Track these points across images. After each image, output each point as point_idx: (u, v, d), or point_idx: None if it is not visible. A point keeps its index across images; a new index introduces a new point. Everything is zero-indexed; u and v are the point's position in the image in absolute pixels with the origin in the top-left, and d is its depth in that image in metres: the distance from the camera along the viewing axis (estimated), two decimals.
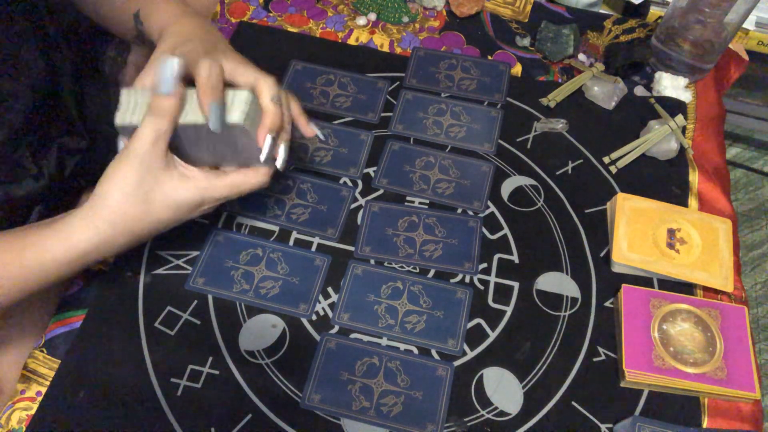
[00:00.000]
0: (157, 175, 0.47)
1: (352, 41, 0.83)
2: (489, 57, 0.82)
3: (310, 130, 0.57)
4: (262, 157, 0.51)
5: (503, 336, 0.60)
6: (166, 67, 0.47)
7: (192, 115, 0.49)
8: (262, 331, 0.59)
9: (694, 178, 0.71)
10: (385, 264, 0.63)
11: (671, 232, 0.64)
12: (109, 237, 0.48)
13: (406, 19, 0.85)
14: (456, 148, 0.73)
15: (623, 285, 0.60)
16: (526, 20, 0.86)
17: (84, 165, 0.64)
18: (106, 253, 0.49)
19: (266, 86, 0.50)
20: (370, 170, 0.70)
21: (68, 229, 0.47)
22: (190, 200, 0.49)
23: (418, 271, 0.63)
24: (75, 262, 0.48)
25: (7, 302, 0.48)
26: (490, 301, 0.61)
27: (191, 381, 0.55)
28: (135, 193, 0.47)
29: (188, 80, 0.50)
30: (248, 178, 0.52)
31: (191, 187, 0.49)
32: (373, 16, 0.85)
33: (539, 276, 0.63)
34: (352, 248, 0.64)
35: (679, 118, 0.72)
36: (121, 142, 0.51)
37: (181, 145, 0.51)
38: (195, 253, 0.63)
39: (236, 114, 0.48)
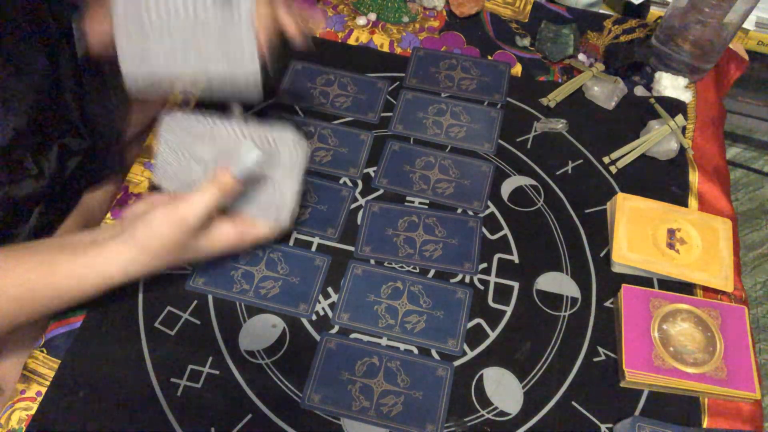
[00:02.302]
0: (196, 236, 0.52)
1: (352, 41, 0.83)
2: (489, 57, 0.82)
3: (315, 19, 0.58)
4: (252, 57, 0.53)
5: (503, 336, 0.60)
6: (251, 156, 0.51)
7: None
8: (262, 331, 0.59)
9: (694, 178, 0.71)
10: (385, 264, 0.63)
11: (671, 232, 0.64)
12: (138, 274, 0.52)
13: (406, 19, 0.85)
14: (456, 148, 0.73)
15: (623, 285, 0.60)
16: (526, 20, 0.86)
17: (85, 165, 0.64)
18: (130, 281, 0.53)
19: None
20: (370, 170, 0.70)
21: (103, 263, 0.50)
22: (218, 252, 0.55)
23: (418, 271, 0.63)
24: (103, 290, 0.52)
25: (35, 317, 0.51)
26: (490, 301, 0.61)
27: (191, 381, 0.55)
28: (174, 249, 0.51)
29: None
30: (269, 232, 0.56)
31: (221, 243, 0.54)
32: (373, 16, 0.85)
33: (539, 276, 0.63)
34: (352, 248, 0.64)
35: (679, 118, 0.72)
36: None
37: None
38: None
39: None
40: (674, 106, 0.76)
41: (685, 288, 0.63)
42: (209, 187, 0.51)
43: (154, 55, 0.54)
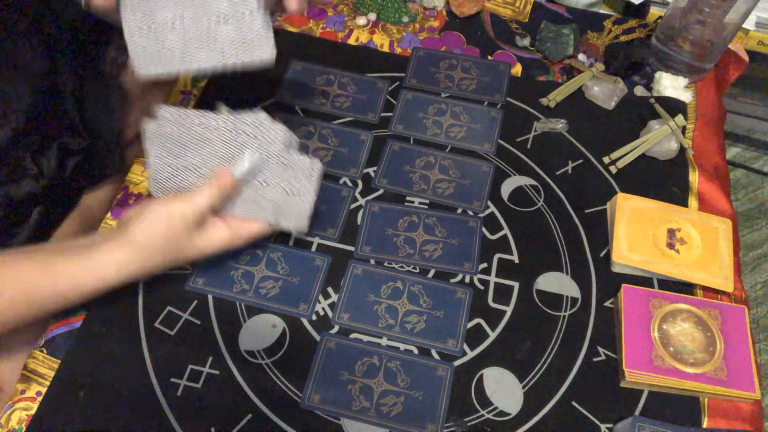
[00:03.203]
0: (192, 234, 0.52)
1: (352, 41, 0.83)
2: (489, 57, 0.82)
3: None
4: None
5: (503, 336, 0.60)
6: (253, 160, 0.53)
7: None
8: (262, 331, 0.59)
9: (694, 178, 0.71)
10: (385, 264, 0.63)
11: (671, 232, 0.64)
12: (136, 275, 0.52)
13: (406, 19, 0.85)
14: (456, 148, 0.73)
15: (623, 285, 0.60)
16: (526, 20, 0.86)
17: (84, 165, 0.64)
18: (128, 283, 0.53)
19: None
20: (370, 170, 0.70)
21: (100, 264, 0.51)
22: (213, 250, 0.55)
23: (418, 271, 0.63)
24: (101, 291, 0.52)
25: (34, 319, 0.51)
26: (490, 301, 0.61)
27: (191, 381, 0.55)
28: (170, 247, 0.52)
29: None
30: (266, 229, 0.57)
31: (217, 242, 0.54)
32: (373, 16, 0.85)
33: (539, 276, 0.63)
34: (352, 248, 0.64)
35: (679, 118, 0.72)
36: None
37: None
38: None
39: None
40: (674, 106, 0.76)
41: (685, 288, 0.63)
42: (209, 186, 0.52)
43: (160, 19, 0.52)
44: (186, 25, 0.52)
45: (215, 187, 0.52)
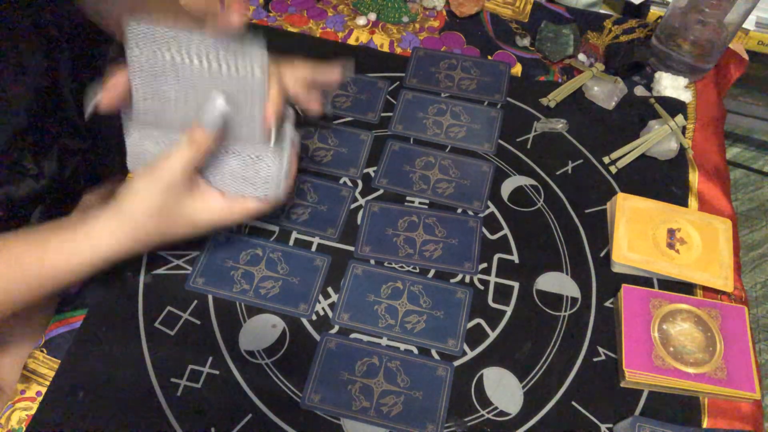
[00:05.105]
0: (180, 198, 0.50)
1: (352, 41, 0.83)
2: (489, 57, 0.82)
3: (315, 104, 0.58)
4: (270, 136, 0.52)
5: (503, 336, 0.60)
6: (215, 106, 0.50)
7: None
8: (262, 331, 0.59)
9: (694, 178, 0.71)
10: (385, 264, 0.63)
11: (671, 232, 0.64)
12: (130, 248, 0.51)
13: (406, 19, 0.85)
14: (456, 148, 0.73)
15: (623, 285, 0.60)
16: (526, 20, 0.86)
17: (84, 165, 0.64)
18: (124, 258, 0.52)
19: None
20: (370, 170, 0.70)
21: (92, 237, 0.49)
22: (208, 221, 0.53)
23: (418, 271, 0.63)
24: (95, 267, 0.50)
25: (29, 301, 0.50)
26: (490, 301, 0.61)
27: (191, 381, 0.55)
28: (159, 213, 0.50)
29: None
30: (261, 205, 0.55)
31: (210, 210, 0.52)
32: (373, 16, 0.85)
33: (539, 276, 0.63)
34: (352, 248, 0.64)
35: (679, 118, 0.72)
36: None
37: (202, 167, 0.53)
38: (195, 253, 0.63)
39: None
40: (674, 106, 0.76)
41: (685, 288, 0.63)
42: (183, 146, 0.50)
43: (170, 118, 0.53)
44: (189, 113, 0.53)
45: (188, 144, 0.50)
